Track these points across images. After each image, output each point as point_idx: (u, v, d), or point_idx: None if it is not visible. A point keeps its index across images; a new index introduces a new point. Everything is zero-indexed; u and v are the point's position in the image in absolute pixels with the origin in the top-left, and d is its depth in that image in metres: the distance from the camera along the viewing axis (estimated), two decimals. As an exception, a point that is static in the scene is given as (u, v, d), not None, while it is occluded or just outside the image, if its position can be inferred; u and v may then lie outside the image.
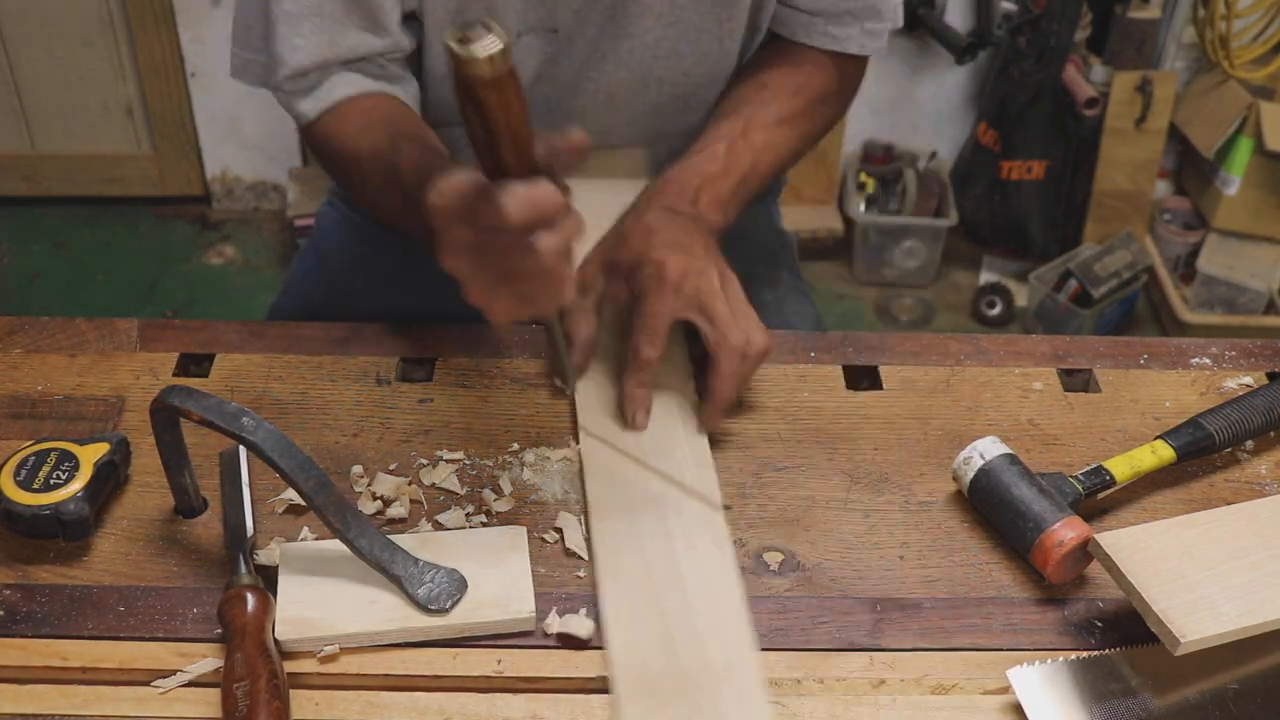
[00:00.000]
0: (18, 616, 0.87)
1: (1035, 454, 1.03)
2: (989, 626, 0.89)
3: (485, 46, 0.76)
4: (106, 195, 3.17)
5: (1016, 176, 2.96)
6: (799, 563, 0.93)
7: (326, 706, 0.83)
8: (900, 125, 3.10)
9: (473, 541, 0.91)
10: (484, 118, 0.80)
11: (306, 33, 1.09)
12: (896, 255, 3.04)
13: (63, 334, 1.12)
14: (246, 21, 1.14)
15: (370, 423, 1.04)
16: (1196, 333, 2.81)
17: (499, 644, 0.86)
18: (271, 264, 3.05)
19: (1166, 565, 0.84)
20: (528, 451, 1.02)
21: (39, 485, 0.90)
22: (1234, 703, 0.83)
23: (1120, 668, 0.85)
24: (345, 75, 1.13)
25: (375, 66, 1.14)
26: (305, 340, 1.13)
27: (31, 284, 2.96)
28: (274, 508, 0.96)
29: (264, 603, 0.85)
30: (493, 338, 1.13)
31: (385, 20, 1.11)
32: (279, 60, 1.11)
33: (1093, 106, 2.84)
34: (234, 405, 0.84)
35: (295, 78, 1.12)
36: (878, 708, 0.84)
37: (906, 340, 1.15)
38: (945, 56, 2.93)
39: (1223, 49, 2.80)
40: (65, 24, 2.93)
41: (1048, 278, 2.91)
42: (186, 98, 3.03)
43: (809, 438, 1.04)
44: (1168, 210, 3.06)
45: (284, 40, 1.09)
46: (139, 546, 0.93)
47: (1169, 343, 1.17)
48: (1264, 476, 1.02)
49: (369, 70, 1.14)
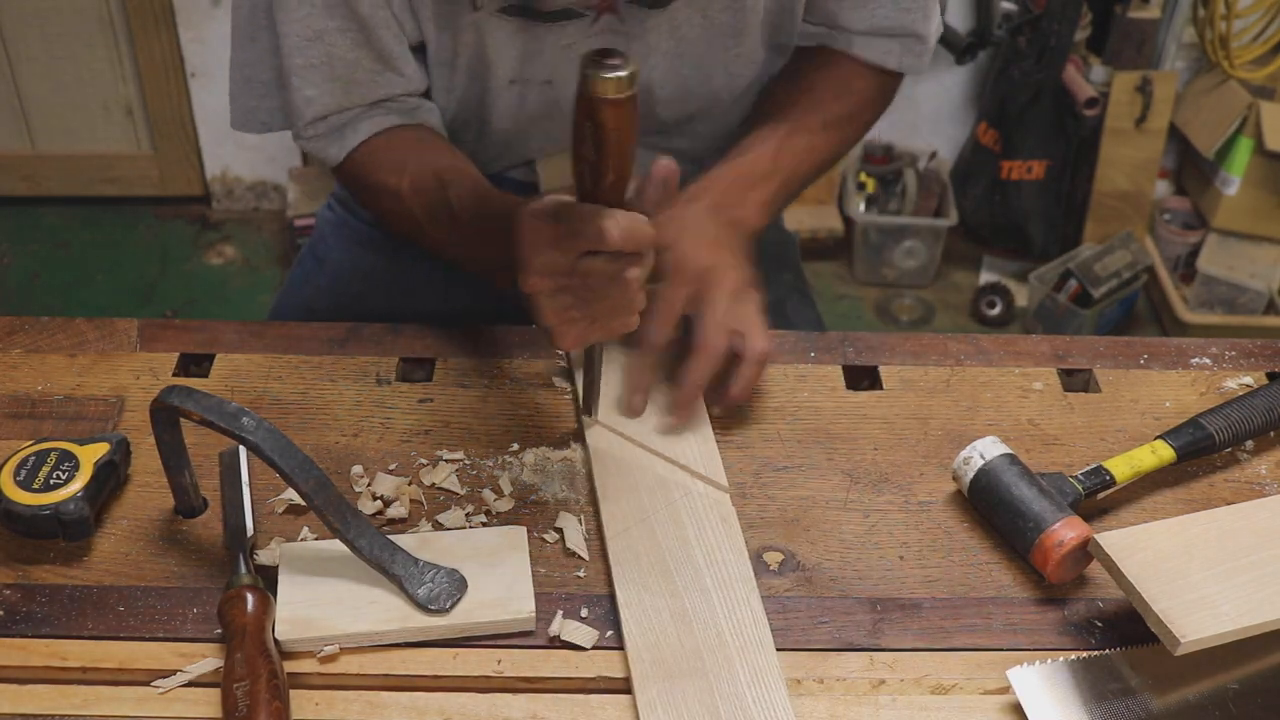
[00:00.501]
0: (18, 616, 0.87)
1: (1035, 454, 1.03)
2: (989, 626, 0.89)
3: (615, 69, 0.82)
4: (106, 195, 3.17)
5: (1016, 176, 2.96)
6: (799, 563, 0.93)
7: (326, 706, 0.83)
8: (900, 125, 3.10)
9: (473, 541, 0.91)
10: (600, 139, 0.84)
11: (319, 82, 1.09)
12: (896, 255, 3.04)
13: (63, 334, 1.12)
14: (245, 75, 1.14)
15: (370, 423, 1.04)
16: (1196, 333, 2.81)
17: (499, 644, 0.86)
18: (271, 264, 3.05)
19: (1166, 565, 0.84)
20: (528, 451, 1.02)
21: (39, 485, 0.90)
22: (1234, 703, 0.83)
23: (1120, 668, 0.85)
24: (367, 114, 1.13)
25: (394, 102, 1.15)
26: (305, 340, 1.13)
27: (31, 284, 2.96)
28: (274, 508, 0.96)
29: (264, 602, 0.85)
30: (493, 338, 1.13)
31: (397, 63, 1.11)
32: (297, 113, 1.12)
33: (1093, 106, 2.84)
34: (234, 405, 0.84)
35: (315, 123, 1.12)
36: (878, 708, 0.84)
37: (906, 340, 1.15)
38: (945, 56, 2.93)
39: (1223, 49, 2.80)
40: (65, 24, 2.92)
41: (1048, 278, 2.91)
42: (186, 98, 3.03)
43: (809, 438, 1.04)
44: (1168, 210, 3.06)
45: (298, 93, 1.10)
46: (139, 546, 0.93)
47: (1169, 343, 1.17)
48: (1264, 476, 1.02)
49: (389, 108, 1.14)
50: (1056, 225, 3.02)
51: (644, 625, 0.87)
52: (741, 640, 0.86)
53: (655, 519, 0.95)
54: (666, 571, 0.90)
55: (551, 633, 0.87)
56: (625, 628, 0.87)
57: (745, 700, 0.82)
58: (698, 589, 0.89)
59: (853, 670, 0.86)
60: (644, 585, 0.89)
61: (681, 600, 0.88)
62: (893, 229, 3.02)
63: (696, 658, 0.84)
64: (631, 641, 0.86)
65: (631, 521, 0.95)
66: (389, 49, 1.10)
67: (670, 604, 0.88)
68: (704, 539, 0.93)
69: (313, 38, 1.07)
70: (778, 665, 0.84)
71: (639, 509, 0.96)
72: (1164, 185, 3.13)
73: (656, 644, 0.85)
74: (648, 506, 0.96)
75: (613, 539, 0.93)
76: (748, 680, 0.83)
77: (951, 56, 2.92)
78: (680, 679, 0.83)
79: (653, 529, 0.94)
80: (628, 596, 0.89)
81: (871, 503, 0.99)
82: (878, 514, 0.98)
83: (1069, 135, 2.90)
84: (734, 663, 0.84)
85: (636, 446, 1.01)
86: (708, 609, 0.88)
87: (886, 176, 3.08)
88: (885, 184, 3.08)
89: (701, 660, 0.84)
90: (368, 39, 1.08)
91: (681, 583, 0.90)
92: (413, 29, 1.11)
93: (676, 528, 0.94)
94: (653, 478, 0.99)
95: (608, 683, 0.85)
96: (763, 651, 0.85)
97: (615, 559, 0.92)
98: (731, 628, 0.86)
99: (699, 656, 0.84)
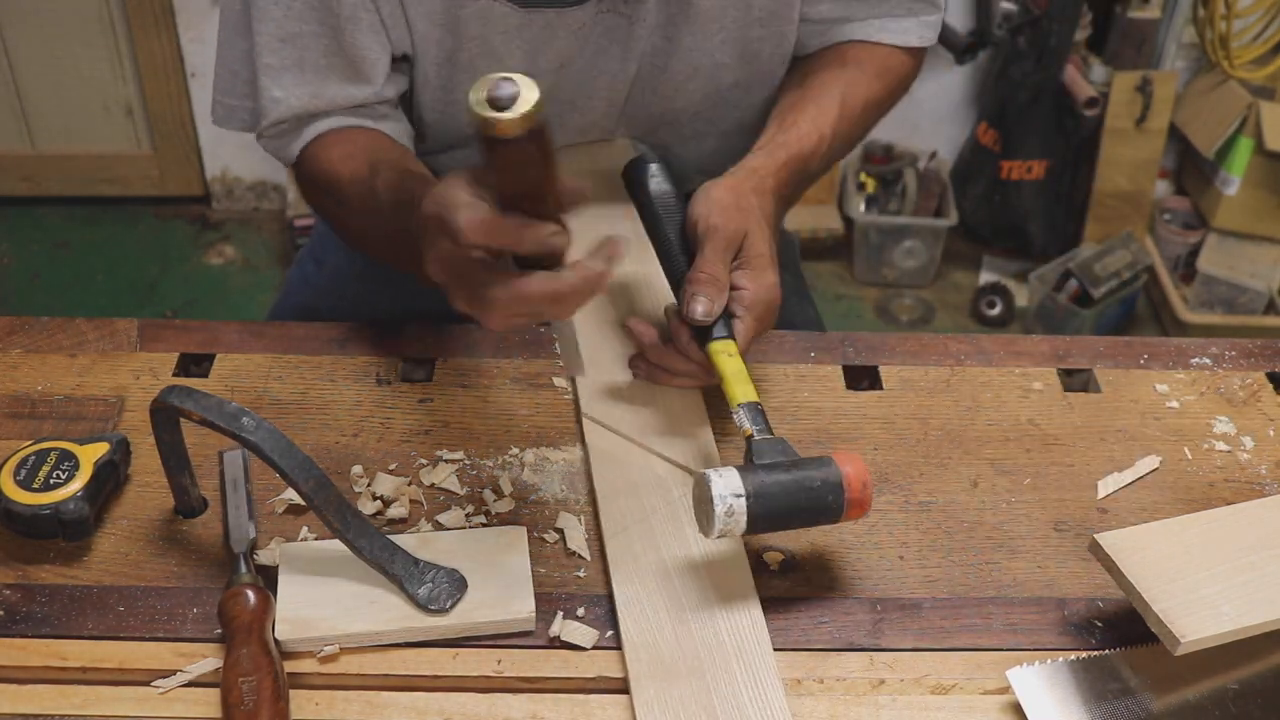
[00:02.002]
0: (18, 616, 0.87)
1: (1035, 454, 1.03)
2: (989, 626, 0.89)
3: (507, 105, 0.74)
4: (106, 195, 3.18)
5: (1016, 176, 2.96)
6: (799, 563, 0.93)
7: (326, 706, 0.83)
8: (900, 125, 3.10)
9: (473, 541, 0.91)
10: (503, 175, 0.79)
11: (288, 85, 1.09)
12: (896, 255, 3.04)
13: (63, 334, 1.12)
14: (231, 68, 1.13)
15: (370, 423, 1.04)
16: (1196, 333, 2.81)
17: (499, 644, 0.86)
18: (271, 264, 3.05)
19: (1166, 565, 0.84)
20: (528, 451, 1.02)
21: (39, 485, 0.90)
22: (1234, 703, 0.83)
23: (1120, 668, 0.85)
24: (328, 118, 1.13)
25: (363, 109, 1.14)
26: (305, 340, 1.13)
27: (31, 284, 2.96)
28: (274, 508, 0.96)
29: (265, 601, 0.85)
30: (493, 338, 1.13)
31: (370, 71, 1.10)
32: (262, 113, 1.11)
33: (1093, 106, 2.84)
34: (234, 405, 0.84)
35: (278, 124, 1.12)
36: (878, 708, 0.84)
37: (906, 340, 1.15)
38: (945, 56, 2.93)
39: (1223, 49, 2.80)
40: (65, 24, 2.93)
41: (1048, 278, 2.91)
42: (186, 98, 3.03)
43: (809, 438, 1.04)
44: (1168, 210, 3.06)
45: (266, 93, 1.09)
46: (139, 546, 0.93)
47: (1169, 343, 1.17)
48: (1264, 476, 1.02)
49: (355, 113, 1.14)
50: (1056, 225, 3.02)
51: (642, 625, 0.87)
52: (738, 640, 0.86)
53: (654, 518, 0.95)
54: (665, 572, 0.90)
55: (551, 633, 0.87)
56: (623, 627, 0.87)
57: (742, 700, 0.82)
58: (695, 589, 0.89)
59: (853, 670, 0.86)
60: (642, 585, 0.89)
61: (679, 600, 0.88)
62: (893, 229, 3.02)
63: (694, 658, 0.84)
64: (629, 641, 0.86)
65: (630, 521, 0.95)
66: (364, 55, 1.09)
67: (668, 604, 0.88)
68: (702, 539, 0.93)
69: (286, 39, 1.07)
70: (774, 666, 0.84)
71: (638, 508, 0.96)
72: (1164, 185, 3.13)
73: (654, 643, 0.85)
74: (647, 506, 0.96)
75: (611, 538, 0.93)
76: (745, 681, 0.83)
77: (951, 56, 2.92)
78: (677, 679, 0.83)
79: (651, 528, 0.94)
80: (626, 596, 0.89)
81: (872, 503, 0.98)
82: (878, 514, 0.98)
83: (1069, 135, 2.90)
84: (731, 663, 0.84)
85: (636, 446, 1.01)
86: (706, 609, 0.88)
87: (886, 176, 3.08)
88: (885, 184, 3.08)
89: (699, 660, 0.84)
90: (342, 45, 1.08)
91: (680, 583, 0.90)
92: (400, 35, 1.10)
93: (675, 527, 0.94)
94: (652, 477, 0.99)
95: (608, 683, 0.85)
96: (760, 652, 0.85)
97: (614, 559, 0.92)
98: (729, 628, 0.86)
99: (696, 657, 0.84)
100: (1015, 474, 1.02)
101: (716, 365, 0.97)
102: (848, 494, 0.87)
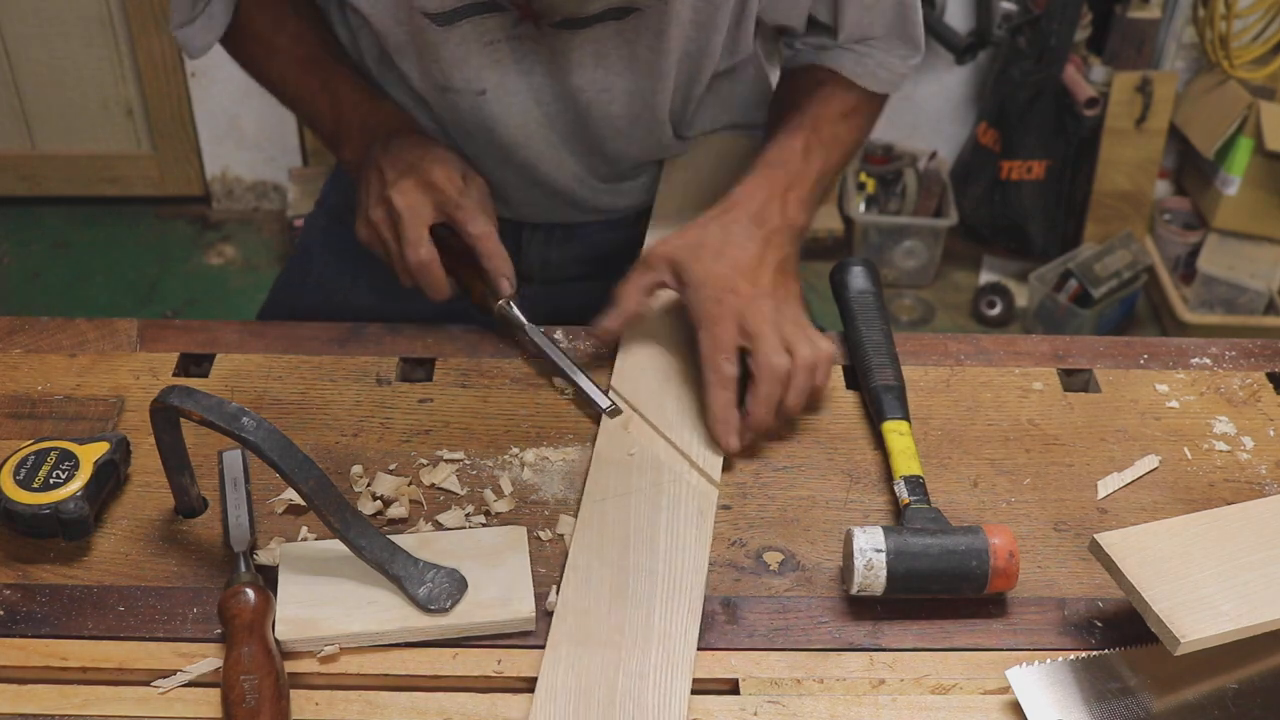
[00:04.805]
0: (18, 616, 0.87)
1: (1035, 454, 1.03)
2: (989, 626, 0.89)
3: None
4: (106, 195, 3.18)
5: (1016, 176, 2.96)
6: (799, 563, 0.93)
7: (326, 706, 0.83)
8: (900, 125, 3.10)
9: (472, 541, 0.91)
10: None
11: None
12: (896, 255, 3.04)
13: (63, 334, 1.12)
14: None
15: (370, 423, 1.04)
16: (1196, 333, 2.81)
17: (499, 644, 0.86)
18: (271, 264, 3.05)
19: (1166, 565, 0.84)
20: (528, 451, 1.02)
21: (39, 485, 0.90)
22: (1234, 703, 0.83)
23: (1120, 668, 0.85)
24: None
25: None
26: (305, 340, 1.13)
27: (31, 284, 2.96)
28: (274, 508, 0.96)
29: (265, 600, 0.85)
30: (493, 338, 1.13)
31: None
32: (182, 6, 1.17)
33: (1093, 106, 2.84)
34: (234, 405, 0.84)
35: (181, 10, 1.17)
36: (878, 708, 0.84)
37: (906, 340, 1.15)
38: (945, 56, 2.93)
39: (1223, 49, 2.80)
40: (65, 24, 2.93)
41: (1048, 278, 2.91)
42: (186, 98, 3.03)
43: (809, 438, 1.04)
44: (1168, 210, 3.06)
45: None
46: (139, 546, 0.93)
47: (1169, 343, 1.17)
48: (1264, 476, 1.02)
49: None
50: (1056, 225, 3.02)
51: (581, 592, 0.88)
52: (666, 627, 0.86)
53: (636, 496, 0.95)
54: (624, 547, 0.91)
55: (549, 606, 0.87)
56: (563, 589, 0.88)
57: (646, 682, 0.82)
58: (646, 571, 0.90)
59: (853, 670, 0.86)
60: (598, 554, 0.90)
61: (626, 577, 0.89)
62: (893, 229, 3.02)
63: (617, 632, 0.85)
64: (563, 602, 0.87)
65: (613, 492, 0.95)
66: None
67: (614, 578, 0.89)
68: (674, 526, 0.93)
69: None
70: (691, 661, 0.84)
71: (624, 482, 0.96)
72: (1164, 185, 3.13)
73: (586, 611, 0.86)
74: (634, 482, 0.97)
75: (588, 504, 0.94)
76: (656, 664, 0.83)
77: (951, 56, 2.92)
78: (593, 646, 0.84)
79: (629, 504, 0.95)
80: (578, 560, 0.90)
81: (871, 503, 0.99)
82: (878, 514, 0.98)
83: (1069, 135, 2.90)
84: (650, 646, 0.84)
85: (645, 423, 1.02)
86: (648, 592, 0.88)
87: (886, 176, 3.08)
88: (885, 184, 3.08)
89: (621, 635, 0.85)
90: None
91: (634, 560, 0.90)
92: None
93: (651, 509, 0.94)
94: (649, 456, 0.99)
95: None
96: (684, 644, 0.85)
97: (583, 522, 0.93)
98: (662, 614, 0.87)
99: (620, 631, 0.85)
100: (1015, 474, 1.02)
101: (886, 442, 1.01)
102: (993, 562, 0.88)
